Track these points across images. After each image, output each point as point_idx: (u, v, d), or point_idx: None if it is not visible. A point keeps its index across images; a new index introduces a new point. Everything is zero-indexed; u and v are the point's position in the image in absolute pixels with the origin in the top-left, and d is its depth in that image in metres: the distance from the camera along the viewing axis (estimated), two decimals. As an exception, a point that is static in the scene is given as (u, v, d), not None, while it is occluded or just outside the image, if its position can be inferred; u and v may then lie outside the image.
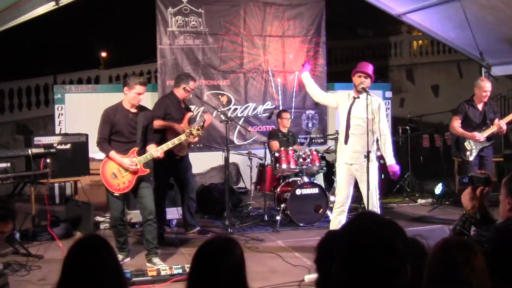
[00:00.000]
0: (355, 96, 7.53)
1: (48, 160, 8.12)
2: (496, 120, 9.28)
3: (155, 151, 7.37)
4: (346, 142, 7.53)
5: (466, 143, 9.36)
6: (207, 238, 3.11)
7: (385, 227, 2.31)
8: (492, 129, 9.24)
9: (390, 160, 7.69)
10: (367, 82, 7.46)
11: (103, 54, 28.71)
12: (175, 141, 7.72)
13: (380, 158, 10.87)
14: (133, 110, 7.41)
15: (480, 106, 9.44)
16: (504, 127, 9.16)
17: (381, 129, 7.58)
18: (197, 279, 2.91)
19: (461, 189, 4.55)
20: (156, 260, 7.40)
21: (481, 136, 9.23)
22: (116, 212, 7.47)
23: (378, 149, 7.90)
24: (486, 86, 9.35)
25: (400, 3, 12.18)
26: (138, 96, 7.30)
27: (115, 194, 7.36)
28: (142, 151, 7.40)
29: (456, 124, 9.46)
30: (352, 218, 2.53)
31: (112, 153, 7.27)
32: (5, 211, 4.02)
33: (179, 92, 8.87)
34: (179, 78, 9.15)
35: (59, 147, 9.17)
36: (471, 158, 9.31)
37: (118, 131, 7.36)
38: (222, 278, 2.84)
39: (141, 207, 7.60)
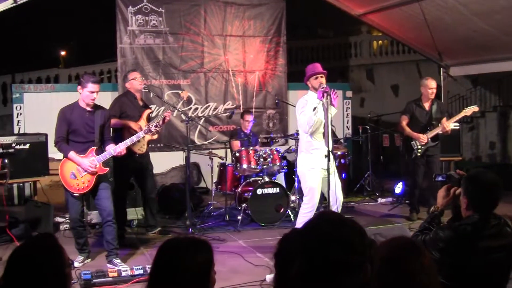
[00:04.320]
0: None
1: (6, 161, 8.01)
2: (444, 119, 9.52)
3: (113, 149, 7.32)
4: (327, 144, 7.41)
5: (412, 142, 9.63)
6: (165, 240, 3.07)
7: (343, 225, 2.34)
8: (437, 130, 9.47)
9: None
10: (324, 80, 7.45)
11: (63, 53, 28.41)
12: (134, 138, 7.71)
13: (340, 157, 11.00)
14: (89, 109, 7.33)
15: (427, 106, 9.65)
16: (448, 128, 9.41)
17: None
18: (159, 274, 2.88)
19: (436, 185, 4.64)
20: (116, 261, 7.36)
21: (426, 138, 9.49)
22: (75, 214, 7.38)
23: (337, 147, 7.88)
24: (431, 84, 9.62)
25: (360, 4, 12.29)
26: (91, 95, 7.19)
27: (75, 194, 7.25)
28: (100, 150, 7.32)
29: (404, 123, 9.73)
30: (312, 217, 2.56)
31: (71, 153, 7.17)
32: None
33: (132, 87, 8.83)
34: (124, 77, 9.24)
35: (18, 147, 9.05)
36: (417, 156, 9.53)
37: (75, 130, 7.28)
38: (183, 277, 2.82)
39: (99, 208, 7.56)
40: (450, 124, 9.55)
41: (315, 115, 7.21)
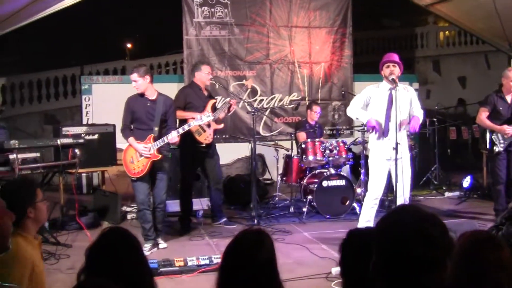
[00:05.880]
0: (391, 87, 7.39)
1: (76, 150, 8.17)
2: None
3: (166, 136, 7.54)
4: (386, 135, 7.40)
5: (493, 137, 8.86)
6: (237, 233, 3.08)
7: (425, 219, 2.29)
8: None
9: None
10: (397, 71, 7.34)
11: (129, 45, 28.75)
12: (185, 127, 7.86)
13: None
14: (152, 98, 7.65)
15: (509, 98, 8.97)
16: None
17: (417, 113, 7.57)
18: (229, 274, 2.89)
19: None
20: (158, 239, 7.93)
21: (511, 130, 8.77)
22: (141, 195, 7.63)
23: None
24: None
25: (428, -6, 12.11)
26: (132, 83, 7.61)
27: (133, 178, 7.58)
28: (159, 138, 7.57)
29: (484, 116, 8.96)
30: (391, 211, 2.51)
31: (131, 139, 7.56)
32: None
33: (198, 79, 8.93)
34: (194, 66, 9.34)
35: (87, 137, 9.22)
36: (498, 150, 8.99)
37: (137, 118, 7.66)
38: (254, 273, 2.83)
39: (153, 195, 7.86)
40: None
41: (357, 119, 7.26)
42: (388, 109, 7.34)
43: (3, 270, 3.31)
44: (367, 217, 7.51)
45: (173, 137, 7.53)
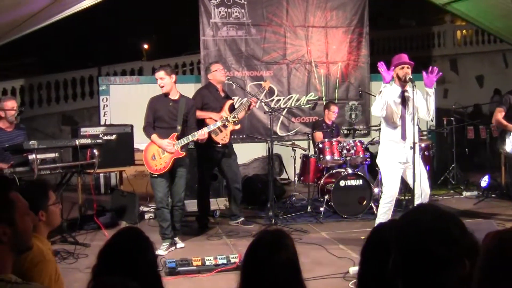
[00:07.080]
0: (404, 90, 7.35)
1: (94, 151, 8.22)
2: None
3: (192, 135, 7.67)
4: (404, 138, 7.34)
5: (509, 137, 8.97)
6: (257, 234, 3.11)
7: (443, 217, 2.28)
8: None
9: None
10: (410, 71, 7.33)
11: (145, 46, 28.84)
12: (211, 126, 8.06)
13: (424, 150, 10.79)
14: (174, 98, 7.78)
15: None
16: None
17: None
18: (251, 276, 2.91)
19: None
20: (175, 238, 7.96)
21: None
22: (160, 193, 7.67)
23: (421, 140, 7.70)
24: None
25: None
26: (158, 81, 7.73)
27: (153, 175, 7.64)
28: (182, 137, 7.68)
29: (500, 116, 8.85)
30: (411, 209, 2.51)
31: (154, 136, 7.67)
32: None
33: (214, 80, 9.01)
34: (206, 69, 9.55)
35: (105, 137, 9.21)
36: None
37: (159, 117, 7.75)
38: (275, 273, 2.84)
39: (172, 193, 7.91)
40: None
41: (381, 98, 7.12)
42: (403, 110, 7.30)
43: (35, 271, 3.33)
44: (383, 219, 7.48)
45: (204, 132, 7.74)
